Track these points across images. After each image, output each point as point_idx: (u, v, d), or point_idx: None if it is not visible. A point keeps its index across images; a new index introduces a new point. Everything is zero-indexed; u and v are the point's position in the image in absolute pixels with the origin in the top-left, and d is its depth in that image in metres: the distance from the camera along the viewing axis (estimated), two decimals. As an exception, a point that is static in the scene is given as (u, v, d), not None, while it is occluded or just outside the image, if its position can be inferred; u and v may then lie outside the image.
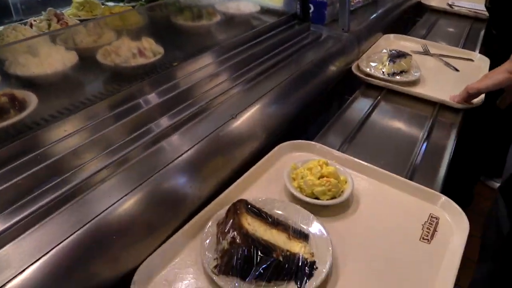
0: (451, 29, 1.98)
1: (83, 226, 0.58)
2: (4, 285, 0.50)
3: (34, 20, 1.11)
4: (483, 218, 1.49)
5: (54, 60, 0.84)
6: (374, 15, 1.71)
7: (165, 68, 0.92)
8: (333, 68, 1.26)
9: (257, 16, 1.25)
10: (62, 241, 0.56)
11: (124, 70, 0.87)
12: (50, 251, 0.54)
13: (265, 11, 1.29)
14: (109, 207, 0.62)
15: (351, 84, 1.31)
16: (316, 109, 1.25)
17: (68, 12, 1.26)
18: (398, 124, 1.12)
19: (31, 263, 0.53)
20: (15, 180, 0.62)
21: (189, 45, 1.05)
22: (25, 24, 1.14)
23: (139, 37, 0.91)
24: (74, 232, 0.57)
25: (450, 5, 2.22)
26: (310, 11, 1.42)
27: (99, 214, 0.61)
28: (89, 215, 0.60)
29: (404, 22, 2.05)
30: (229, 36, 1.14)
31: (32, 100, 0.73)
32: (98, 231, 0.59)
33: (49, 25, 1.09)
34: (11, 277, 0.51)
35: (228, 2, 1.21)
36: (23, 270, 0.52)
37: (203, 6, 1.13)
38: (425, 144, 1.02)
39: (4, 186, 0.61)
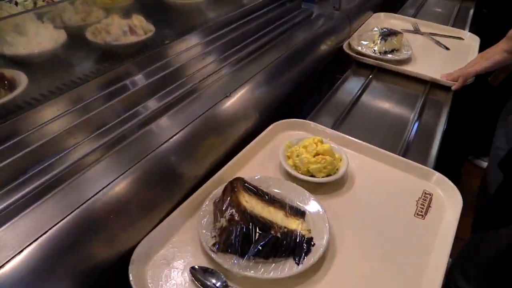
0: (440, 8, 1.98)
1: (80, 206, 0.58)
2: (3, 265, 0.49)
3: (20, -1, 1.07)
4: (471, 196, 1.52)
5: (42, 38, 0.82)
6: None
7: (157, 46, 0.90)
8: (324, 46, 1.25)
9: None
10: (59, 222, 0.55)
11: (115, 48, 0.85)
12: (47, 231, 0.54)
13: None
14: (105, 187, 0.61)
15: (343, 63, 1.31)
16: (308, 89, 1.25)
17: (55, -11, 1.21)
18: (390, 103, 1.12)
19: (28, 243, 0.52)
20: (8, 160, 0.61)
21: (179, 23, 1.04)
22: (10, 2, 1.10)
23: (129, 15, 0.89)
24: (71, 212, 0.57)
25: None
26: (301, -12, 1.40)
27: (96, 194, 0.60)
28: (86, 195, 0.59)
29: (393, 1, 2.04)
30: (220, 14, 1.12)
31: (22, 79, 0.71)
32: (95, 211, 0.59)
33: (35, 3, 1.06)
34: (9, 258, 0.50)
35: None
36: (21, 251, 0.51)
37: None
38: (417, 123, 1.03)
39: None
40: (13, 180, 0.60)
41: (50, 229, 0.54)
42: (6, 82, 0.70)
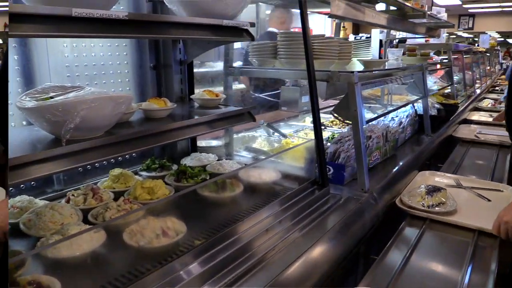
0: (480, 159, 2.22)
1: None
2: None
3: (72, 195, 1.16)
4: None
5: (83, 240, 0.85)
6: (394, 170, 1.77)
7: (188, 247, 0.94)
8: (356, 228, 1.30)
9: (278, 183, 1.30)
10: None
11: (149, 251, 0.89)
12: None
13: (286, 178, 1.34)
14: None
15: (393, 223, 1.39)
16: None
17: (104, 184, 1.31)
18: (443, 253, 1.23)
19: None
20: None
21: (212, 220, 1.07)
22: (65, 195, 1.21)
23: (164, 214, 0.94)
24: None
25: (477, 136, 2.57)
26: (329, 172, 1.49)
27: None
28: None
29: (436, 158, 2.31)
30: (251, 206, 1.17)
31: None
32: None
33: (85, 199, 1.14)
34: None
35: (250, 171, 1.26)
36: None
37: (227, 177, 1.19)
38: (469, 270, 1.10)
39: None
40: None
41: None
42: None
